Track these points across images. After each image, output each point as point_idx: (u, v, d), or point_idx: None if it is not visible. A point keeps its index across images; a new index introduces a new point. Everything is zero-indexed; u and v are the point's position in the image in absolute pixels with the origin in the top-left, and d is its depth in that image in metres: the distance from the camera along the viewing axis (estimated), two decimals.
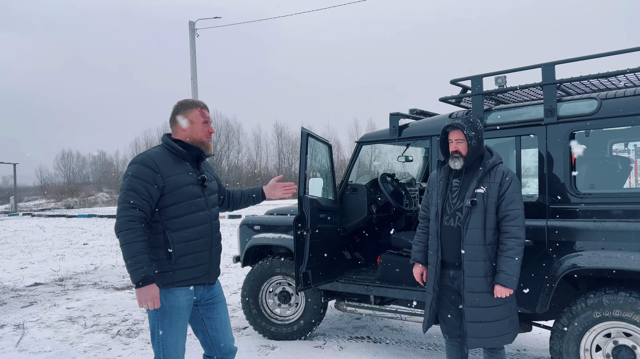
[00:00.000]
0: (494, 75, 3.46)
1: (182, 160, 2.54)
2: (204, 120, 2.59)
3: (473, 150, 2.85)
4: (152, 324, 2.51)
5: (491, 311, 2.80)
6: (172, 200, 2.45)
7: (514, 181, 2.83)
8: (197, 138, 2.58)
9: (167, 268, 2.45)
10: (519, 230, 2.77)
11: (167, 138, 2.57)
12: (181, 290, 2.50)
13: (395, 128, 4.05)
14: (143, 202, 2.37)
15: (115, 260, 9.87)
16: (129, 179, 2.39)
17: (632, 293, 2.90)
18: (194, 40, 19.70)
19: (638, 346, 2.92)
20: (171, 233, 2.45)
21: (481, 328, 2.80)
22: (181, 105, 2.60)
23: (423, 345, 4.37)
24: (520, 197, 2.83)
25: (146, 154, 2.49)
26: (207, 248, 2.57)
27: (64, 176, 58.63)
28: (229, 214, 20.24)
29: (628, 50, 3.02)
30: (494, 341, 2.83)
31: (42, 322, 5.40)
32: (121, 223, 2.35)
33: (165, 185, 2.43)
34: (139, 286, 2.32)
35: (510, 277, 2.74)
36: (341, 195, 4.47)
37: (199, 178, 2.56)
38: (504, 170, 2.86)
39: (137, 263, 2.31)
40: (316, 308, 4.44)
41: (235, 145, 51.90)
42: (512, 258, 2.75)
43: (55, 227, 19.18)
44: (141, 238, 2.34)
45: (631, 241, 2.89)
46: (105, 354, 4.33)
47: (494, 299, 2.79)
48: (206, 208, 2.58)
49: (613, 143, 4.19)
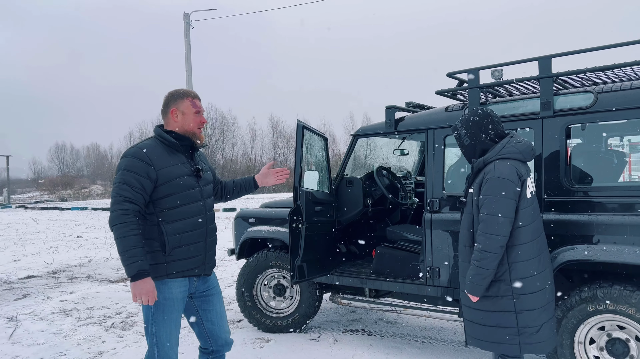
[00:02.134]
0: (491, 68, 3.44)
1: (175, 151, 2.51)
2: (195, 111, 2.55)
3: (467, 148, 2.75)
4: (146, 316, 2.50)
5: (482, 315, 2.66)
6: (166, 192, 2.43)
7: (489, 182, 2.55)
8: (189, 128, 2.55)
9: (161, 259, 2.44)
10: (479, 236, 2.55)
11: (159, 130, 2.55)
12: (175, 281, 2.48)
13: (391, 121, 4.03)
14: (136, 195, 2.36)
15: (109, 253, 9.83)
16: (122, 172, 2.38)
17: (627, 286, 2.91)
18: (189, 32, 19.58)
19: (632, 339, 2.93)
20: (165, 224, 2.43)
21: (474, 328, 2.72)
22: (172, 96, 2.57)
23: (418, 338, 4.38)
24: (493, 200, 2.52)
25: (138, 146, 2.46)
26: (201, 240, 2.55)
27: (58, 168, 58.37)
28: (224, 207, 20.20)
29: (624, 44, 3.01)
30: (490, 346, 2.69)
31: (36, 315, 5.37)
32: (115, 217, 2.33)
33: (158, 177, 2.41)
34: (134, 279, 2.31)
35: (469, 285, 2.60)
36: (337, 188, 4.46)
37: (193, 169, 2.54)
38: (488, 169, 2.61)
39: (132, 256, 2.30)
40: (311, 301, 4.43)
41: (230, 138, 51.77)
42: (472, 263, 2.59)
43: (49, 220, 19.08)
44: (135, 231, 2.33)
45: (626, 235, 2.90)
46: (99, 346, 4.32)
47: (484, 304, 2.64)
48: (201, 199, 2.56)
49: (609, 137, 4.20)
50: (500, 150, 2.62)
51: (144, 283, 2.32)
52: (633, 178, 7.82)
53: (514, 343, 2.60)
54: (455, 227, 3.44)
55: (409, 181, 5.24)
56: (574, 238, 3.06)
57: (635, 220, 2.88)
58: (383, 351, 4.07)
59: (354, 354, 3.99)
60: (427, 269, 3.68)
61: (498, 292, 2.59)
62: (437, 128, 3.73)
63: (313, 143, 4.24)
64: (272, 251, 4.55)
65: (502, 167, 2.57)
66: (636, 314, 2.85)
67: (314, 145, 4.25)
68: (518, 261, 2.56)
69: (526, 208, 2.57)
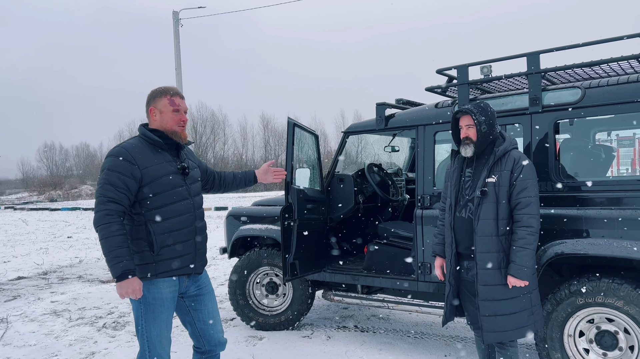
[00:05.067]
0: (480, 65, 3.46)
1: (160, 150, 2.50)
2: (173, 109, 2.51)
3: (483, 135, 2.76)
4: (136, 317, 2.50)
5: (507, 304, 2.70)
6: (152, 191, 2.42)
7: (526, 167, 2.69)
8: (168, 127, 2.51)
9: (149, 259, 2.43)
10: (531, 218, 2.65)
11: (143, 129, 2.54)
12: (164, 281, 2.47)
13: (381, 118, 4.04)
14: (120, 195, 2.35)
15: (100, 253, 9.77)
16: (105, 173, 2.37)
17: (615, 279, 2.95)
18: (178, 30, 19.47)
19: (620, 331, 2.97)
20: (153, 224, 2.42)
21: (497, 321, 2.72)
22: (151, 94, 2.54)
23: (410, 333, 4.41)
24: (534, 184, 2.70)
25: (121, 146, 2.45)
26: (190, 238, 2.53)
27: (47, 168, 57.65)
28: (215, 206, 20.15)
29: (610, 40, 3.04)
30: (513, 334, 2.74)
31: (26, 316, 5.33)
32: (99, 218, 2.33)
33: (143, 176, 2.39)
34: (119, 279, 2.31)
35: (520, 268, 2.64)
36: (328, 185, 4.46)
37: (179, 167, 2.52)
38: (515, 156, 2.73)
39: (116, 257, 2.30)
40: (303, 298, 4.44)
41: (221, 136, 51.54)
42: (523, 247, 2.64)
43: (39, 220, 18.91)
44: (120, 231, 2.32)
45: (614, 229, 2.93)
46: (91, 347, 4.30)
47: (509, 291, 2.70)
48: (188, 197, 2.54)
49: (596, 132, 4.24)
50: (512, 141, 2.82)
51: (129, 282, 2.31)
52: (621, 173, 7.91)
53: (530, 323, 2.76)
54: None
55: (399, 178, 5.26)
56: (563, 233, 3.09)
57: (623, 213, 2.92)
58: (376, 347, 4.09)
59: (347, 351, 4.00)
60: (418, 265, 3.71)
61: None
62: (428, 124, 3.75)
63: (304, 141, 4.24)
64: (264, 249, 4.55)
65: (523, 155, 2.78)
66: (624, 307, 2.88)
67: (305, 142, 4.26)
68: None
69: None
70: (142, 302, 2.45)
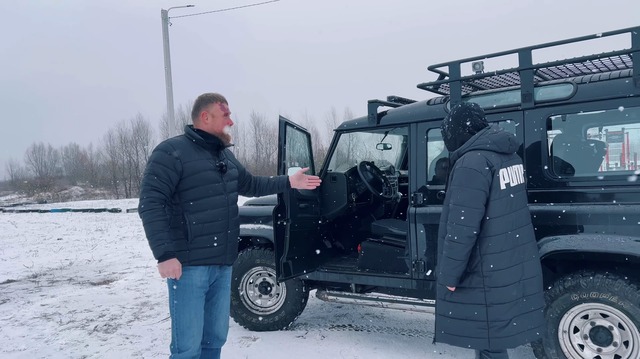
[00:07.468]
0: (472, 61, 3.45)
1: (202, 148, 2.74)
2: (224, 113, 2.80)
3: (449, 142, 2.74)
4: (170, 304, 2.70)
5: (454, 308, 2.61)
6: (190, 184, 2.64)
7: (456, 172, 2.56)
8: (218, 130, 2.78)
9: (184, 247, 2.64)
10: (448, 226, 2.55)
11: (188, 129, 2.79)
12: (196, 269, 2.67)
13: (373, 116, 4.02)
14: (163, 185, 2.58)
15: (91, 255, 9.68)
16: (151, 164, 2.61)
17: (609, 275, 2.95)
18: (167, 29, 19.35)
19: (615, 326, 2.98)
20: (189, 214, 2.64)
21: (445, 322, 2.66)
22: (202, 100, 2.80)
23: (404, 332, 4.39)
24: (461, 190, 2.50)
25: (168, 142, 2.70)
26: (223, 230, 2.73)
27: (36, 170, 56.95)
28: None
29: (602, 35, 3.04)
30: (459, 340, 2.63)
31: (16, 320, 5.26)
32: (144, 204, 2.56)
33: (184, 169, 2.62)
34: (161, 260, 2.52)
35: (442, 274, 2.58)
36: (321, 184, 4.43)
37: (218, 165, 2.75)
38: (458, 160, 2.61)
39: (159, 239, 2.51)
40: (297, 298, 4.42)
41: None
42: (442, 252, 2.58)
43: (28, 222, 18.70)
44: (161, 217, 2.54)
45: (607, 224, 2.93)
46: (83, 351, 4.24)
47: (459, 296, 2.59)
48: (224, 192, 2.76)
49: (588, 128, 4.25)
50: (473, 142, 2.59)
51: (170, 263, 2.53)
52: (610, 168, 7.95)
53: (482, 337, 2.54)
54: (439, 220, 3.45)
55: (392, 176, 5.24)
56: (556, 229, 3.08)
57: (616, 209, 2.92)
58: (370, 345, 4.07)
59: (341, 350, 3.98)
60: (412, 263, 3.69)
61: (470, 284, 2.55)
62: (420, 121, 3.74)
63: (296, 139, 4.21)
64: (257, 249, 4.51)
65: (471, 157, 2.54)
66: (619, 302, 2.89)
67: (296, 141, 4.23)
68: (489, 253, 2.50)
69: (499, 199, 2.50)
70: (174, 289, 2.65)
